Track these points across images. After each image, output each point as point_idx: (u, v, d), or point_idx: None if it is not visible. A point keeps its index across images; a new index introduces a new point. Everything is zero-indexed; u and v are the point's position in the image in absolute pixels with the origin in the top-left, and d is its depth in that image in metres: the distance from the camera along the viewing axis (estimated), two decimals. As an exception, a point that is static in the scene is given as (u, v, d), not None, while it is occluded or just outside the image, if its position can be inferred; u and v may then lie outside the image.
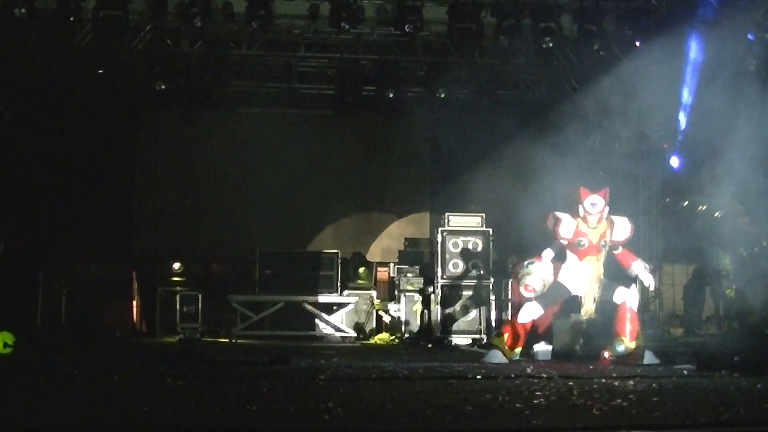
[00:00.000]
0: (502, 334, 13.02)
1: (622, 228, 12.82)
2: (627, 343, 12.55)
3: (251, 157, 22.13)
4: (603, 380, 9.73)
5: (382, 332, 19.51)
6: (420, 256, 20.27)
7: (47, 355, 13.06)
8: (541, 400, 7.73)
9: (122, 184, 21.66)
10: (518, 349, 13.04)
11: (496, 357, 12.90)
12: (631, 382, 9.30)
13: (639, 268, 12.94)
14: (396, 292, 19.52)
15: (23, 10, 16.18)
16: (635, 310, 12.77)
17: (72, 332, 17.79)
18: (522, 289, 12.81)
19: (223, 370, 10.48)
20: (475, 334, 17.56)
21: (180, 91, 20.14)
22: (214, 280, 20.95)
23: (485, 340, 17.03)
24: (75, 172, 20.10)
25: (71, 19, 16.81)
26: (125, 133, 21.87)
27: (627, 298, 12.63)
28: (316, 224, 22.24)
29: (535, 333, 17.13)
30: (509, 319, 13.06)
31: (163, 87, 19.51)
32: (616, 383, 9.27)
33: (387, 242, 22.17)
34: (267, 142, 22.12)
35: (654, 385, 9.13)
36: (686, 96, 13.18)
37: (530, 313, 12.69)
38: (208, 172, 22.30)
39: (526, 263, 12.80)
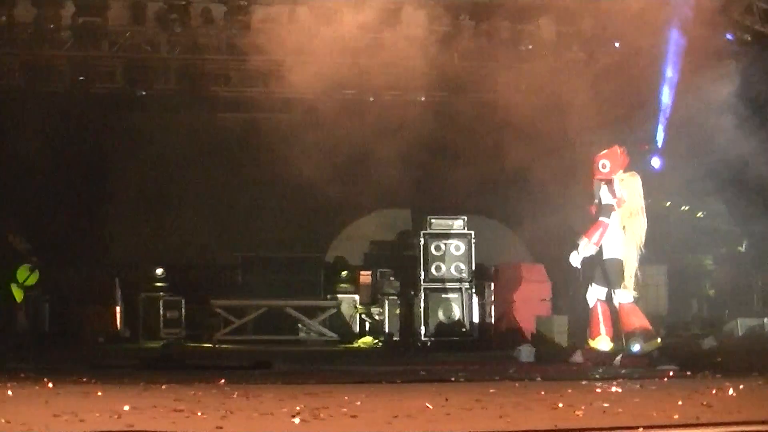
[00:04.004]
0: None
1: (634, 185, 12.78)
2: (592, 342, 12.54)
3: (234, 161, 21.97)
4: (585, 382, 9.74)
5: (365, 336, 19.51)
6: (388, 259, 20.24)
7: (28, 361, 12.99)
8: (523, 402, 7.72)
9: (99, 190, 21.56)
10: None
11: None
12: (615, 384, 9.31)
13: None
14: (378, 296, 19.52)
15: (3, 18, 16.18)
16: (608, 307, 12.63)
17: (55, 339, 17.72)
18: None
19: (206, 375, 10.45)
20: (458, 336, 17.55)
21: (159, 95, 20.09)
22: (196, 285, 20.89)
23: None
24: (56, 181, 20.03)
25: (51, 26, 16.81)
26: (100, 139, 21.75)
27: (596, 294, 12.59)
28: (300, 228, 22.09)
29: (519, 333, 17.23)
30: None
31: (143, 93, 19.44)
32: (599, 385, 9.28)
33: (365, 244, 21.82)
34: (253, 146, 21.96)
35: (637, 386, 9.15)
36: (666, 96, 13.24)
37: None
38: (189, 177, 22.11)
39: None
